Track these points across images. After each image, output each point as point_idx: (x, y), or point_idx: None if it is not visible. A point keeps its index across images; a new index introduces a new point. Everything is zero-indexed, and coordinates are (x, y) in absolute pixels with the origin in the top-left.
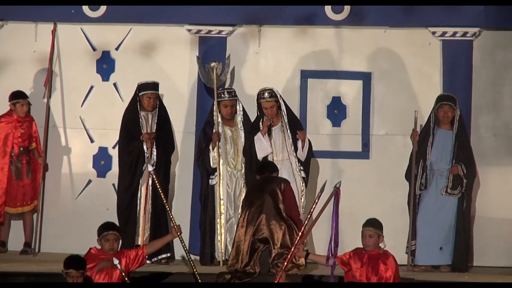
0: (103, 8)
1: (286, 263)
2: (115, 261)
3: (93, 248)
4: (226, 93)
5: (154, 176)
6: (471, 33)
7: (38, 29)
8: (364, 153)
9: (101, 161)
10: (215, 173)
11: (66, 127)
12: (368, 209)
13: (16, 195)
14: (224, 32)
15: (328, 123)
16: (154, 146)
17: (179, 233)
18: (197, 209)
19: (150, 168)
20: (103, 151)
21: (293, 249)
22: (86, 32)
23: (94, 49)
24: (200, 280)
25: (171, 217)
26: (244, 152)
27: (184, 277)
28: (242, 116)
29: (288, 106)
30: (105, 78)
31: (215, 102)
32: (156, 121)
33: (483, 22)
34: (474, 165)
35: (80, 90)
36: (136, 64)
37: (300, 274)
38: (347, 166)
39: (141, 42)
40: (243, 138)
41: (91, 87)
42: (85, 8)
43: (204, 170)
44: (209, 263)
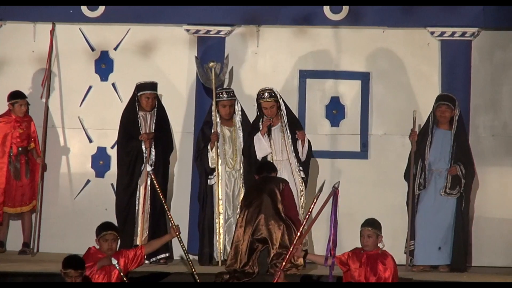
0: (101, 8)
1: (284, 263)
2: (114, 261)
3: (93, 247)
4: (225, 93)
5: (152, 176)
6: (469, 33)
7: (36, 29)
8: (363, 153)
9: (99, 161)
10: (213, 173)
11: (65, 127)
12: (367, 209)
13: (14, 195)
14: (223, 32)
15: (326, 123)
16: (152, 146)
17: (177, 233)
18: (195, 209)
19: (149, 168)
20: (101, 151)
21: (291, 249)
22: (85, 32)
23: (92, 49)
24: (198, 280)
25: (170, 217)
26: (243, 152)
27: (182, 277)
28: (240, 116)
29: (288, 106)
30: (104, 78)
31: (214, 102)
32: (155, 121)
33: (482, 22)
34: (473, 166)
35: (79, 90)
36: (134, 64)
37: (299, 274)
38: (346, 166)
39: (140, 42)
40: (242, 138)
41: (90, 87)
42: (84, 8)
43: (203, 170)
44: (208, 263)
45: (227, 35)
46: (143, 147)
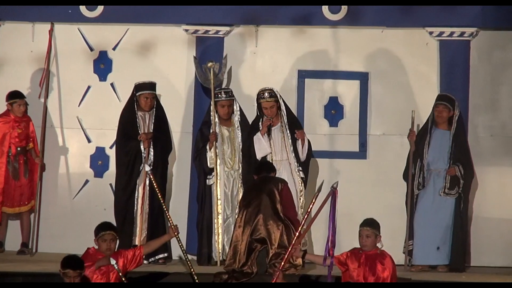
0: (100, 8)
1: (283, 263)
2: (112, 261)
3: (92, 247)
4: (223, 93)
5: (151, 176)
6: (468, 33)
7: (35, 29)
8: (361, 153)
9: (98, 161)
10: (212, 173)
11: (63, 127)
12: (365, 209)
13: (13, 195)
14: (222, 32)
15: (325, 123)
16: (151, 146)
17: (176, 233)
18: (194, 209)
19: (147, 168)
20: (100, 151)
21: (290, 249)
22: (83, 32)
23: (91, 49)
24: (197, 280)
25: (169, 217)
26: (243, 152)
27: (181, 277)
28: (239, 116)
29: (288, 106)
30: (102, 78)
31: (212, 102)
32: (154, 121)
33: (481, 22)
34: (472, 166)
35: (77, 90)
36: (133, 64)
37: (298, 274)
38: (344, 166)
39: (138, 42)
40: (240, 138)
41: (88, 87)
42: (82, 8)
43: (201, 170)
44: (206, 263)
45: (226, 35)
46: (142, 147)
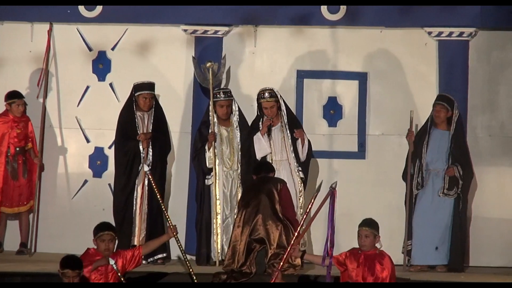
0: (99, 8)
1: (282, 263)
2: (111, 262)
3: (92, 248)
4: (222, 93)
5: (150, 176)
6: (467, 33)
7: (34, 29)
8: (360, 153)
9: (97, 161)
10: (211, 173)
11: (62, 127)
12: (364, 209)
13: (12, 195)
14: (220, 32)
15: (324, 123)
16: (150, 146)
17: (175, 233)
18: (193, 209)
19: (146, 168)
20: (99, 151)
21: (289, 249)
22: (82, 32)
23: (90, 49)
24: (196, 280)
25: (167, 217)
26: (243, 152)
27: (180, 277)
28: (238, 116)
29: (288, 106)
30: (101, 78)
31: (211, 102)
32: (152, 121)
33: (479, 22)
34: (471, 167)
35: (76, 90)
36: (132, 64)
37: (296, 274)
38: (343, 166)
39: (137, 42)
40: (239, 138)
41: (87, 87)
42: (81, 8)
43: (200, 170)
44: (205, 263)
45: (225, 35)
46: (141, 147)
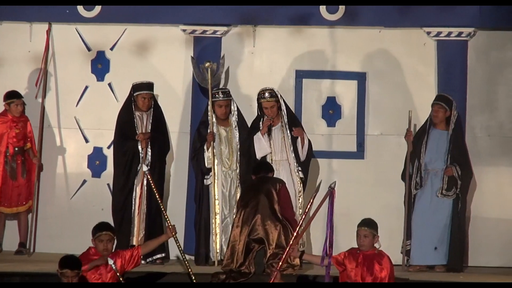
0: (98, 8)
1: (281, 263)
2: (110, 262)
3: (93, 248)
4: (221, 93)
5: (149, 176)
6: (466, 33)
7: (33, 29)
8: (359, 153)
9: (96, 161)
10: (210, 173)
11: (61, 127)
12: (363, 209)
13: (11, 195)
14: (219, 32)
15: (323, 123)
16: (149, 146)
17: (174, 233)
18: (192, 209)
19: (145, 168)
20: (98, 151)
21: (288, 249)
22: (81, 32)
23: (89, 49)
24: (195, 280)
25: (166, 217)
26: (242, 152)
27: (179, 277)
28: (236, 116)
29: (288, 106)
30: (100, 78)
31: (210, 102)
32: (151, 121)
33: (478, 22)
34: (470, 167)
35: (75, 90)
36: (131, 64)
37: (295, 274)
38: (342, 166)
39: (136, 42)
40: (238, 138)
41: (86, 87)
42: (80, 8)
43: (199, 170)
44: (204, 263)
45: (224, 35)
46: (140, 147)
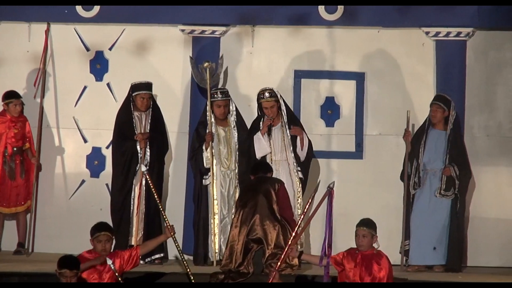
0: (96, 8)
1: (279, 263)
2: (109, 262)
3: (84, 252)
4: (219, 93)
5: (147, 176)
6: (464, 33)
7: (31, 29)
8: (358, 153)
9: (94, 161)
10: (208, 173)
11: (60, 127)
12: (362, 209)
13: (9, 195)
14: (218, 32)
15: (321, 123)
16: (147, 146)
17: (172, 233)
18: (190, 209)
19: (144, 168)
20: (96, 151)
21: (286, 249)
22: (80, 32)
23: (87, 49)
24: (193, 280)
25: (165, 217)
26: (242, 152)
27: (177, 277)
28: (235, 116)
29: (288, 106)
30: (99, 78)
31: (208, 102)
32: (150, 121)
33: (477, 22)
34: (469, 167)
35: (74, 90)
36: (129, 64)
37: (294, 274)
38: (341, 166)
39: (135, 42)
40: (237, 138)
41: (85, 87)
42: (79, 8)
43: (198, 170)
44: (203, 263)
45: (222, 35)
46: (138, 147)
